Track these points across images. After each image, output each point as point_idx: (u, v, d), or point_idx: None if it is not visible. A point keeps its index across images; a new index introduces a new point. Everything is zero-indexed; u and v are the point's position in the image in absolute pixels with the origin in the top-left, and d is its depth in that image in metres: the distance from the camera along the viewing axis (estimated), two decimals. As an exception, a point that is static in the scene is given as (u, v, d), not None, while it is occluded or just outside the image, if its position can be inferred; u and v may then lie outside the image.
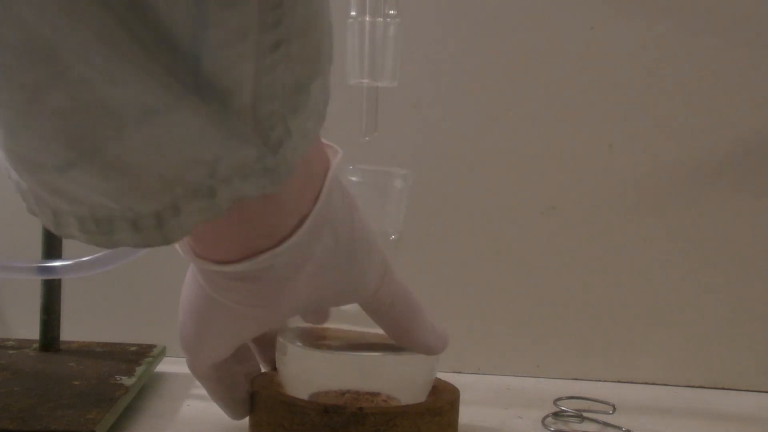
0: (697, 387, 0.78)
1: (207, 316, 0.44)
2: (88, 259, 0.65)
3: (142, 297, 0.79)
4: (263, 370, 0.54)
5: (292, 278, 0.40)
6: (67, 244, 0.69)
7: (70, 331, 0.73)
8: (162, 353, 0.71)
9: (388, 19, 0.57)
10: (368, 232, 0.44)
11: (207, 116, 0.28)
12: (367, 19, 0.56)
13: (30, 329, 0.72)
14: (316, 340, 0.51)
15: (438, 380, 0.54)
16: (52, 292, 0.69)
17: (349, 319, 0.51)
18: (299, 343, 0.50)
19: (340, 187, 0.42)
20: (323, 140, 0.41)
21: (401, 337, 0.48)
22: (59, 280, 0.69)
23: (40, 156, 0.29)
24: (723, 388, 0.77)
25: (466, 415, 0.56)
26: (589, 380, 0.78)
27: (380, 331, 0.49)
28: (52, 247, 0.68)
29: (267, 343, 0.53)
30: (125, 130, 0.27)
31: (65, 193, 0.31)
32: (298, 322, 0.51)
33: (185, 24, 0.26)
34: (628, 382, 0.78)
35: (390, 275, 0.46)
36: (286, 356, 0.50)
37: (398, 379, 0.50)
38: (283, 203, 0.37)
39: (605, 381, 0.78)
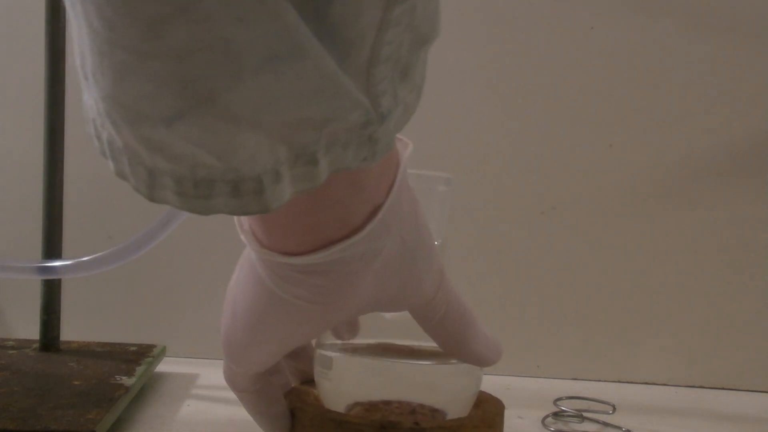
0: (697, 387, 0.78)
1: (265, 315, 0.41)
2: (88, 259, 0.65)
3: (142, 297, 0.79)
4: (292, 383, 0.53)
5: (361, 274, 0.38)
6: (67, 244, 0.69)
7: (70, 331, 0.73)
8: (162, 353, 0.71)
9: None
10: (429, 236, 0.42)
11: (328, 69, 0.26)
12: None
13: (30, 329, 0.72)
14: (354, 351, 0.50)
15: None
16: (52, 292, 0.69)
17: (382, 332, 0.50)
18: (346, 355, 0.49)
19: (407, 183, 0.40)
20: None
21: (454, 347, 0.46)
22: (59, 280, 0.69)
23: (147, 105, 0.27)
24: (723, 388, 0.77)
25: (466, 415, 0.56)
26: (589, 380, 0.78)
27: (414, 342, 0.49)
28: (52, 247, 0.68)
29: (298, 355, 0.51)
30: (243, 76, 0.26)
31: (167, 149, 0.28)
32: (328, 338, 0.50)
33: None
34: (628, 382, 0.78)
35: (446, 283, 0.44)
36: (330, 369, 0.49)
37: (450, 391, 0.49)
38: (362, 188, 0.35)
39: (605, 381, 0.78)
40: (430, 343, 0.51)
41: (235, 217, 0.38)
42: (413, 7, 0.28)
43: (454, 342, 0.46)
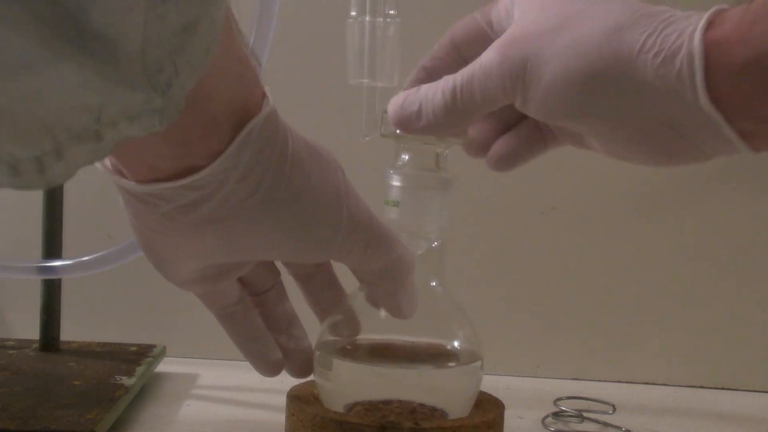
0: (697, 387, 0.77)
1: (144, 242, 0.45)
2: (88, 259, 0.65)
3: (142, 297, 0.79)
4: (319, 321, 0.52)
5: (194, 211, 0.41)
6: (67, 244, 0.69)
7: (70, 331, 0.72)
8: (162, 353, 0.71)
9: (388, 19, 0.57)
10: (336, 195, 0.44)
11: (91, 68, 0.28)
12: (367, 19, 0.56)
13: (30, 329, 0.72)
14: (356, 351, 0.50)
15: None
16: (52, 292, 0.69)
17: (381, 330, 0.50)
18: (348, 358, 0.49)
19: (283, 137, 0.42)
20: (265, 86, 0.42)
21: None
22: (59, 280, 0.69)
23: None
24: (723, 388, 0.77)
25: (466, 415, 0.56)
26: (589, 380, 0.78)
27: (416, 340, 0.49)
28: (52, 247, 0.68)
29: (316, 288, 0.52)
30: (1, 80, 0.27)
31: None
32: (328, 338, 0.50)
33: None
34: (628, 382, 0.78)
35: (363, 236, 0.45)
36: (330, 370, 0.49)
37: (450, 391, 0.49)
38: (189, 143, 0.39)
39: (605, 381, 0.78)
40: (429, 340, 0.51)
41: None
42: (176, 2, 0.29)
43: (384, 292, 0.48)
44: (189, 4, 0.30)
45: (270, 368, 0.52)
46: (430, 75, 0.49)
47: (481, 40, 0.48)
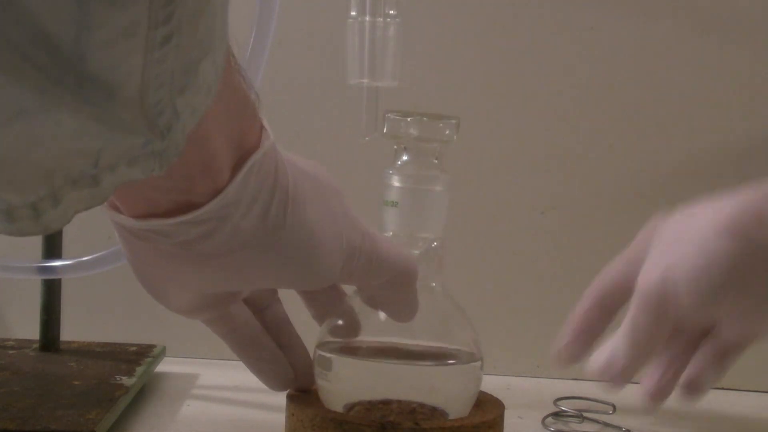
0: (697, 387, 0.77)
1: (140, 274, 0.46)
2: (88, 259, 0.65)
3: (142, 297, 0.78)
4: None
5: (195, 249, 0.41)
6: (67, 244, 0.69)
7: (70, 331, 0.72)
8: (162, 353, 0.71)
9: (388, 19, 0.57)
10: (333, 222, 0.44)
11: (88, 114, 0.28)
12: (367, 19, 0.57)
13: (30, 329, 0.72)
14: (356, 351, 0.50)
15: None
16: (52, 292, 0.69)
17: (381, 332, 0.50)
18: (348, 357, 0.49)
19: (282, 169, 0.42)
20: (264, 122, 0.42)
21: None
22: (59, 280, 0.69)
23: None
24: (723, 388, 0.77)
25: (466, 415, 0.56)
26: (589, 380, 0.78)
27: (416, 340, 0.49)
28: (52, 247, 0.68)
29: (316, 297, 0.52)
30: None
31: None
32: (328, 338, 0.50)
33: (66, 25, 0.25)
34: (628, 382, 0.77)
35: (363, 260, 0.46)
36: (330, 370, 0.49)
37: (450, 391, 0.49)
38: (192, 179, 0.38)
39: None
40: (429, 342, 0.51)
41: None
42: (177, 45, 0.29)
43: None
44: (189, 47, 0.30)
45: (281, 385, 0.52)
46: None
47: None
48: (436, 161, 0.51)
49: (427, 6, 0.76)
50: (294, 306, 0.54)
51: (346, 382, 0.49)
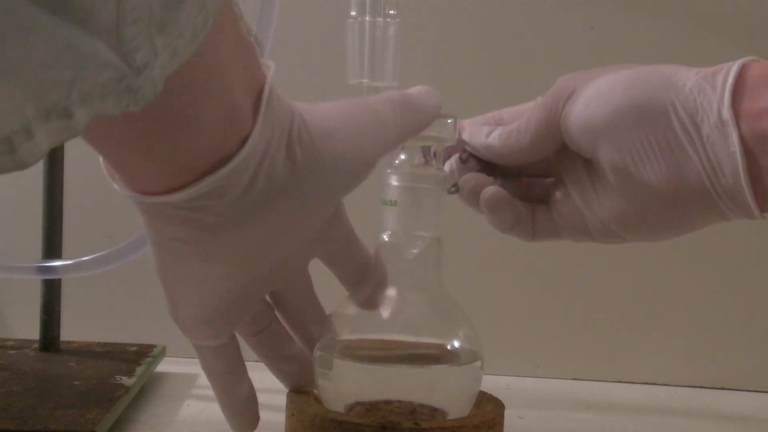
0: (697, 387, 0.78)
1: (164, 270, 0.44)
2: (88, 259, 0.65)
3: (142, 297, 0.79)
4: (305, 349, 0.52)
5: (237, 204, 0.40)
6: (67, 244, 0.69)
7: (70, 331, 0.73)
8: (162, 353, 0.71)
9: (388, 19, 0.57)
10: (334, 154, 0.43)
11: (62, 40, 0.27)
12: (367, 19, 0.56)
13: (30, 329, 0.72)
14: (356, 351, 0.50)
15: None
16: (52, 292, 0.69)
17: (381, 329, 0.50)
18: (348, 358, 0.49)
19: (283, 103, 0.41)
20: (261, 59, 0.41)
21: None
22: (59, 280, 0.69)
23: None
24: (723, 388, 0.77)
25: (466, 415, 0.56)
26: (589, 380, 0.78)
27: (416, 340, 0.49)
28: (52, 247, 0.68)
29: (295, 318, 0.52)
30: None
31: None
32: (328, 338, 0.51)
33: None
34: (628, 382, 0.78)
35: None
36: (331, 370, 0.49)
37: (450, 391, 0.49)
38: (206, 128, 0.37)
39: (605, 381, 0.78)
40: (429, 340, 0.51)
41: (104, 169, 0.41)
42: None
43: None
44: None
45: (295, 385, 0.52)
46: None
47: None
48: (435, 160, 0.51)
49: (427, 6, 0.77)
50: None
51: (347, 383, 0.49)
